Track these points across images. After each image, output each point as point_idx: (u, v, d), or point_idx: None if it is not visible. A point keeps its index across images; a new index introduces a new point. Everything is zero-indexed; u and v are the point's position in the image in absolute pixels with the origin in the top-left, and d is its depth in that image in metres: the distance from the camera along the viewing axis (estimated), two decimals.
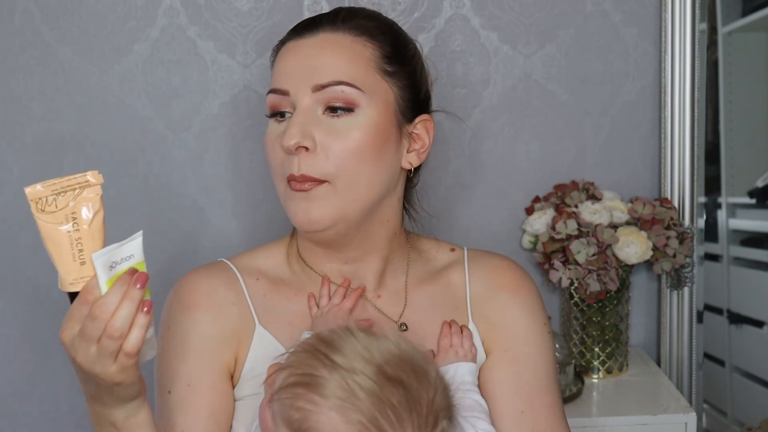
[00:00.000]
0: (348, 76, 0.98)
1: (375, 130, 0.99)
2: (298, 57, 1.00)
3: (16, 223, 1.59)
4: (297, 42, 1.01)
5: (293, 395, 0.83)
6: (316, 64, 0.99)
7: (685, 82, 1.59)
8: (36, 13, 1.53)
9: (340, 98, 0.98)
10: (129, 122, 1.56)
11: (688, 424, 1.40)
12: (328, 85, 0.98)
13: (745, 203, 1.97)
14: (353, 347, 0.84)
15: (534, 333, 1.08)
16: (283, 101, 1.00)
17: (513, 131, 1.61)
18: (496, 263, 1.13)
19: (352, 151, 0.98)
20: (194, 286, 1.04)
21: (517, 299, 1.09)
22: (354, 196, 0.99)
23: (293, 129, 0.97)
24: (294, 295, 1.06)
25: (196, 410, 0.99)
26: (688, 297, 1.64)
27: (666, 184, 1.62)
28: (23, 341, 1.62)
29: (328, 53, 0.99)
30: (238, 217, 1.59)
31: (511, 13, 1.57)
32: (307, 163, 0.97)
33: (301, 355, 0.86)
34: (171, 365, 1.01)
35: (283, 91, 1.00)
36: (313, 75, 0.98)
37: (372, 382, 0.82)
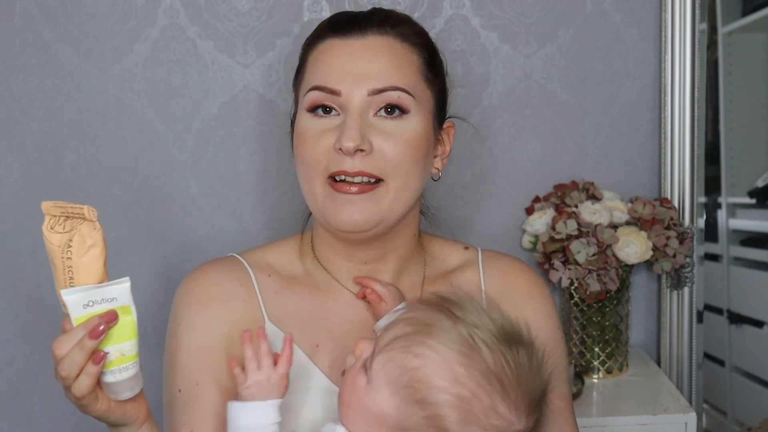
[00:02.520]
0: (402, 82, 0.99)
1: (423, 135, 1.00)
2: (351, 58, 0.99)
3: (16, 223, 1.59)
4: (344, 41, 1.00)
5: (409, 344, 0.82)
6: (371, 68, 0.98)
7: (685, 82, 1.59)
8: (36, 13, 1.53)
9: (395, 103, 0.98)
10: (129, 122, 1.56)
11: (688, 424, 1.40)
12: (385, 90, 0.98)
13: (745, 203, 1.97)
14: (474, 307, 0.85)
15: (548, 336, 1.08)
16: (332, 100, 0.99)
17: (513, 131, 1.61)
18: (511, 265, 1.13)
19: (404, 154, 0.98)
20: (204, 281, 1.04)
21: (532, 302, 1.09)
22: (401, 198, 1.00)
23: (352, 131, 0.96)
24: (308, 294, 1.06)
25: (204, 409, 0.99)
26: (688, 297, 1.64)
27: (666, 184, 1.62)
28: (23, 341, 1.62)
29: (383, 58, 0.99)
30: (238, 217, 1.59)
31: (511, 13, 1.57)
32: (362, 162, 0.97)
33: (419, 310, 0.86)
34: (180, 363, 1.01)
35: (335, 90, 0.98)
36: (369, 79, 0.98)
37: (495, 339, 0.82)
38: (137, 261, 1.60)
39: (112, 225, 1.59)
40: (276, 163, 1.57)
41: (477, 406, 0.80)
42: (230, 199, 1.59)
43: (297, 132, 1.02)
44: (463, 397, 0.80)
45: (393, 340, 0.84)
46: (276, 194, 1.58)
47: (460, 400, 0.80)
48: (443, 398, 0.80)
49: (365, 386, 0.84)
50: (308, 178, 1.00)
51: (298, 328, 1.03)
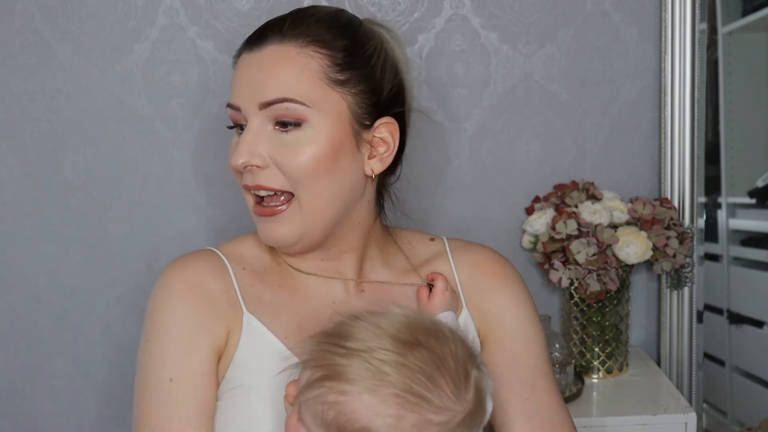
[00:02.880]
0: (292, 92, 0.97)
1: (327, 143, 0.98)
2: (246, 73, 1.00)
3: (17, 223, 1.59)
4: (248, 55, 1.01)
5: (320, 393, 0.82)
6: (261, 81, 0.98)
7: (685, 82, 1.59)
8: (36, 13, 1.53)
9: (287, 114, 0.98)
10: (129, 122, 1.56)
11: (688, 424, 1.40)
12: (273, 103, 0.97)
13: (745, 203, 1.96)
14: (362, 328, 0.84)
15: (527, 320, 1.11)
16: (238, 116, 1.01)
17: (513, 131, 1.61)
18: (480, 253, 1.14)
19: (304, 166, 0.98)
20: (183, 272, 1.04)
21: (505, 288, 1.11)
22: (316, 210, 1.00)
23: (240, 148, 0.99)
24: (278, 286, 1.07)
25: (197, 401, 0.99)
26: (688, 297, 1.64)
27: (666, 184, 1.62)
28: (23, 341, 1.62)
29: (272, 69, 0.98)
30: (238, 217, 1.59)
31: (511, 13, 1.57)
32: (261, 177, 0.99)
33: (314, 353, 0.85)
34: (168, 352, 1.00)
35: (235, 106, 1.01)
36: (258, 92, 0.98)
37: (392, 353, 0.82)
38: (137, 261, 1.60)
39: (112, 225, 1.60)
40: None
41: (407, 424, 0.81)
42: (230, 199, 1.59)
43: None
44: (390, 425, 0.80)
45: (304, 391, 0.84)
46: None
47: (389, 428, 0.80)
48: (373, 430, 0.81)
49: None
50: (243, 192, 1.07)
51: (272, 319, 1.03)
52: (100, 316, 1.62)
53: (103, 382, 1.63)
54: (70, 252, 1.60)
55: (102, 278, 1.61)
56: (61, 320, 1.62)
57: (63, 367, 1.63)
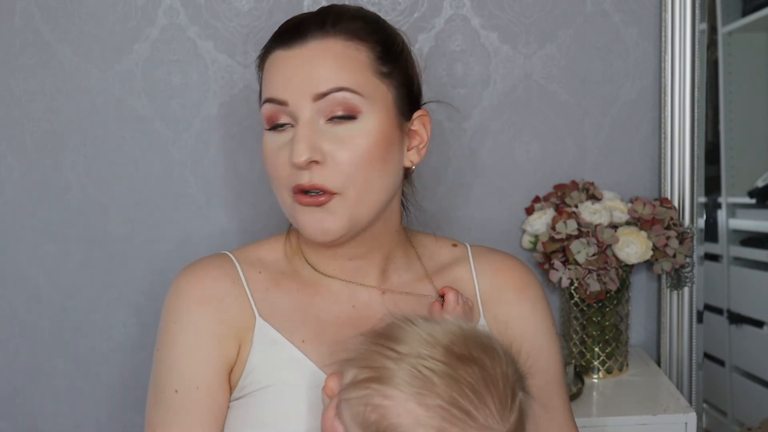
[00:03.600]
0: (347, 82, 0.97)
1: (379, 135, 0.98)
2: (291, 67, 0.98)
3: (16, 223, 1.59)
4: (287, 52, 0.99)
5: (364, 394, 0.81)
6: (313, 73, 0.96)
7: (685, 82, 1.59)
8: (36, 13, 1.53)
9: (342, 105, 0.96)
10: (129, 122, 1.56)
11: (688, 424, 1.40)
12: (329, 93, 0.96)
13: (745, 203, 1.97)
14: (415, 333, 0.83)
15: (544, 332, 1.09)
16: (281, 112, 0.98)
17: (513, 131, 1.61)
18: (502, 261, 1.12)
19: (359, 159, 0.97)
20: (197, 280, 1.04)
21: (525, 298, 1.09)
22: (365, 203, 0.99)
23: (301, 145, 0.95)
24: (296, 290, 1.06)
25: (204, 414, 0.99)
26: (688, 297, 1.64)
27: (666, 184, 1.62)
28: (23, 341, 1.62)
29: (323, 60, 0.97)
30: (238, 217, 1.59)
31: (511, 13, 1.57)
32: (318, 174, 0.96)
33: (363, 352, 0.84)
34: (179, 363, 1.00)
35: (281, 101, 0.97)
36: (312, 84, 0.96)
37: (443, 364, 0.80)
38: (137, 261, 1.60)
39: (112, 225, 1.60)
40: None
41: None
42: (230, 199, 1.59)
43: (263, 147, 1.03)
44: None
45: (348, 389, 0.83)
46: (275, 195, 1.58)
47: None
48: None
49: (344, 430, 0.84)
50: (277, 191, 1.02)
51: (289, 324, 1.03)
52: (100, 316, 1.62)
53: (103, 382, 1.63)
54: (70, 252, 1.60)
55: (102, 278, 1.61)
56: (61, 320, 1.62)
57: (63, 367, 1.63)
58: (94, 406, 1.64)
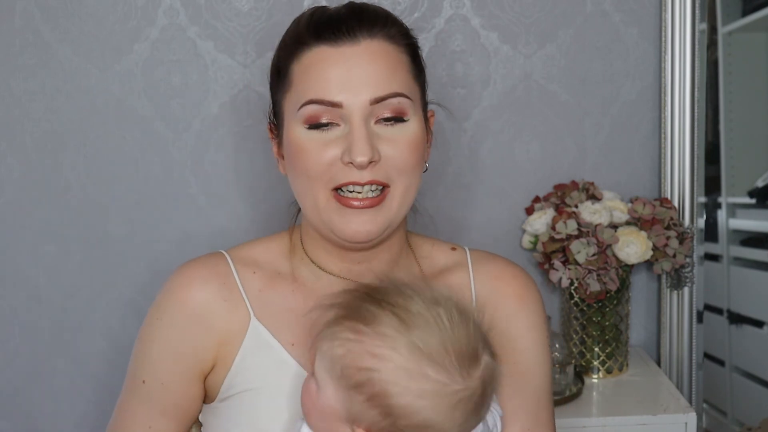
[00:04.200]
0: (402, 87, 0.97)
1: (420, 136, 0.99)
2: (348, 67, 0.96)
3: (16, 223, 1.59)
4: (335, 50, 0.96)
5: (334, 330, 0.85)
6: (371, 76, 0.96)
7: (685, 82, 1.59)
8: (36, 13, 1.53)
9: (395, 109, 0.97)
10: (129, 122, 1.56)
11: (688, 424, 1.40)
12: (387, 98, 0.96)
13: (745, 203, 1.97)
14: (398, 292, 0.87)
15: (539, 345, 1.08)
16: (331, 112, 0.96)
17: (513, 131, 1.61)
18: (502, 268, 1.11)
19: (409, 157, 0.98)
20: (186, 281, 1.04)
21: (523, 310, 1.08)
22: (406, 201, 1.00)
23: (364, 144, 0.94)
24: (291, 292, 1.05)
25: (164, 408, 1.02)
26: (688, 297, 1.64)
27: (666, 184, 1.62)
28: (23, 341, 1.62)
29: (379, 65, 0.96)
30: (238, 217, 1.59)
31: (511, 13, 1.57)
32: (372, 172, 0.96)
33: (344, 298, 0.88)
34: (151, 356, 1.03)
35: (335, 103, 0.95)
36: (370, 87, 0.95)
37: (417, 312, 0.85)
38: (137, 261, 1.60)
39: (112, 225, 1.60)
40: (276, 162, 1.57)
41: (404, 375, 0.82)
42: (230, 199, 1.59)
43: (292, 143, 0.99)
44: (390, 371, 0.82)
45: (322, 329, 0.86)
46: (276, 194, 1.58)
47: (388, 374, 0.82)
48: (374, 376, 0.82)
49: (315, 390, 0.87)
50: (311, 190, 0.99)
51: (283, 325, 1.03)
52: (100, 316, 1.62)
53: (103, 382, 1.63)
54: (70, 252, 1.60)
55: (102, 278, 1.61)
56: (61, 320, 1.62)
57: (63, 367, 1.63)
58: (94, 406, 1.64)
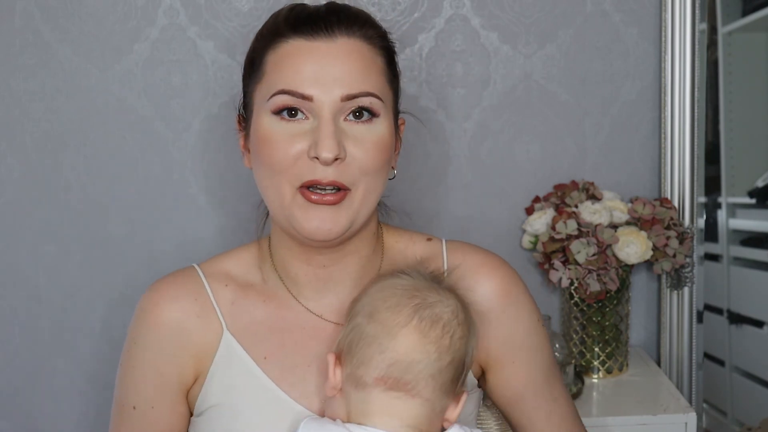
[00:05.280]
0: (374, 87, 0.96)
1: (387, 140, 0.98)
2: (321, 63, 0.95)
3: (16, 223, 1.59)
4: (311, 44, 0.96)
5: None
6: (344, 73, 0.95)
7: (685, 82, 1.59)
8: (36, 13, 1.53)
9: (366, 107, 0.96)
10: (129, 122, 1.56)
11: (688, 424, 1.40)
12: (358, 96, 0.95)
13: (745, 203, 1.97)
14: None
15: (532, 330, 1.07)
16: (301, 105, 0.95)
17: (513, 131, 1.61)
18: (481, 261, 1.08)
19: (374, 158, 0.97)
20: (156, 301, 1.04)
21: (510, 305, 1.06)
22: (368, 202, 0.98)
23: (330, 141, 0.93)
24: (262, 303, 1.05)
25: (156, 428, 1.03)
26: (688, 297, 1.64)
27: (666, 184, 1.62)
28: (23, 341, 1.62)
29: (353, 62, 0.96)
30: (237, 217, 1.59)
31: (511, 13, 1.57)
32: (337, 171, 0.95)
33: None
34: (136, 380, 1.04)
35: (306, 96, 0.95)
36: (341, 84, 0.95)
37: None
38: (137, 261, 1.60)
39: (112, 225, 1.60)
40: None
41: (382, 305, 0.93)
42: (230, 199, 1.59)
43: (259, 133, 0.98)
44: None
45: None
46: None
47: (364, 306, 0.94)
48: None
49: None
50: (275, 183, 0.97)
51: (253, 338, 1.03)
52: (100, 316, 1.62)
53: (103, 382, 1.63)
54: (70, 252, 1.60)
55: (102, 278, 1.61)
56: (61, 320, 1.62)
57: (63, 367, 1.63)
58: (94, 406, 1.64)
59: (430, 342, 0.91)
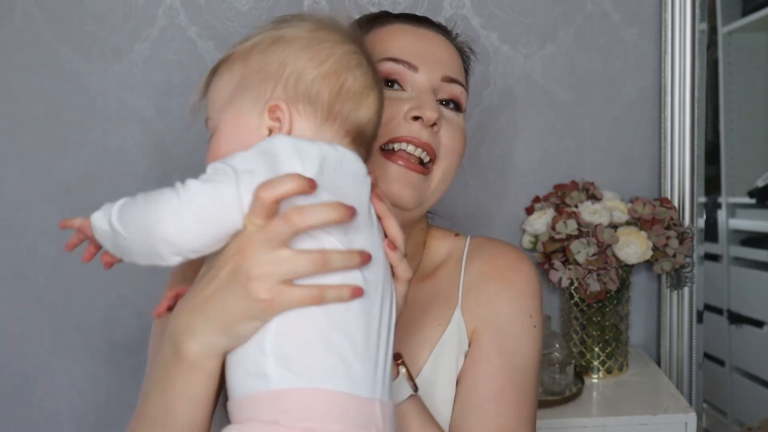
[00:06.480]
0: (464, 80, 1.03)
1: (465, 134, 1.03)
2: (427, 42, 1.01)
3: (17, 222, 1.59)
4: (417, 29, 1.02)
5: None
6: (446, 57, 1.01)
7: (685, 82, 1.59)
8: (36, 13, 1.53)
9: (457, 96, 1.01)
10: (129, 122, 1.56)
11: (688, 424, 1.40)
12: (455, 81, 1.00)
13: (745, 203, 1.97)
14: None
15: (515, 324, 1.03)
16: (404, 73, 0.99)
17: (513, 131, 1.61)
18: (495, 250, 1.09)
19: (458, 144, 1.01)
20: None
21: (504, 287, 1.05)
22: (442, 186, 1.02)
23: (434, 104, 0.97)
24: None
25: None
26: (688, 297, 1.64)
27: (666, 184, 1.62)
28: (23, 341, 1.62)
29: (453, 54, 1.03)
30: None
31: (511, 13, 1.57)
32: (432, 137, 0.98)
33: None
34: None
35: (413, 65, 0.99)
36: (445, 66, 1.00)
37: None
38: None
39: None
40: None
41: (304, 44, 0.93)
42: None
43: None
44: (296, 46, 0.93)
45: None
46: None
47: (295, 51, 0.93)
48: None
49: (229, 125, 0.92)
50: None
51: None
52: (100, 316, 1.62)
53: (103, 382, 1.63)
54: (70, 252, 1.60)
55: (102, 278, 1.61)
56: (61, 320, 1.62)
57: (63, 367, 1.63)
58: (94, 406, 1.64)
59: None
